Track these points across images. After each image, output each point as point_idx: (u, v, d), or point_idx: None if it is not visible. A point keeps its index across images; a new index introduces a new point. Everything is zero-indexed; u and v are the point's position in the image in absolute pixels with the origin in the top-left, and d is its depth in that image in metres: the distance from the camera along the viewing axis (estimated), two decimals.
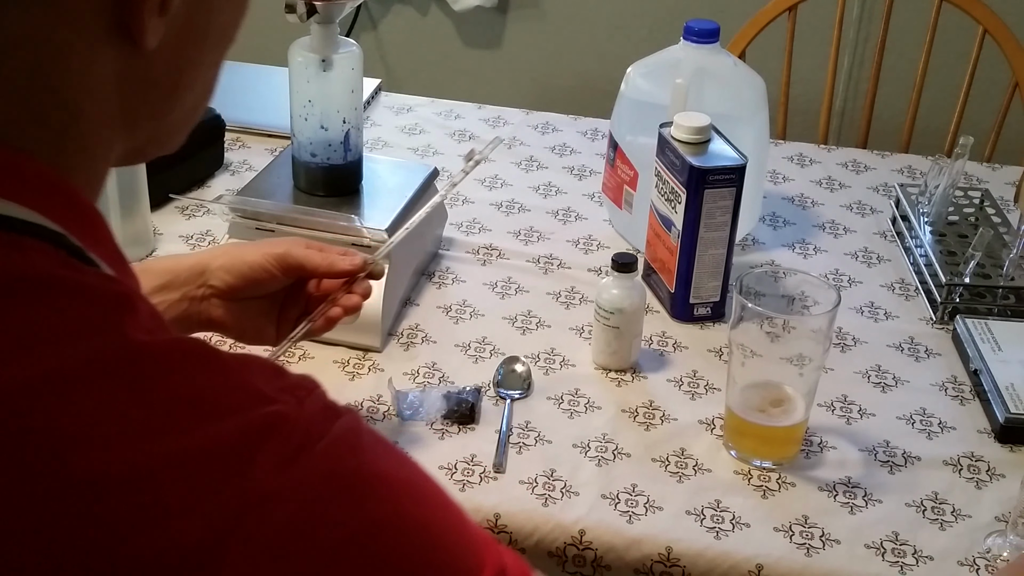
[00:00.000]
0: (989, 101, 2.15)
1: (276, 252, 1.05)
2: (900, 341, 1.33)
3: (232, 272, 1.04)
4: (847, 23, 2.31)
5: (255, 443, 0.50)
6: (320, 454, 0.52)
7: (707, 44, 1.42)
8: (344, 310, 1.06)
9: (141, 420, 0.48)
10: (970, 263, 1.36)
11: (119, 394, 0.48)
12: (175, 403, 0.49)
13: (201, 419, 0.49)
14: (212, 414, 0.50)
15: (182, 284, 1.03)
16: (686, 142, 1.29)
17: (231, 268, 1.04)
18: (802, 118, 2.25)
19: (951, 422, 1.20)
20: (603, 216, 1.56)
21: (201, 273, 1.04)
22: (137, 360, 0.50)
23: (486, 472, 1.10)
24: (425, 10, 2.69)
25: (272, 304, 1.08)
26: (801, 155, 1.76)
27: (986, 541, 1.05)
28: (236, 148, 1.68)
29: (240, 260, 1.04)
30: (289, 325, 1.07)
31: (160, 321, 0.54)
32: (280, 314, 1.08)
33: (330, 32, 1.28)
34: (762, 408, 1.12)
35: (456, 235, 1.49)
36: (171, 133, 0.62)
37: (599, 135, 1.78)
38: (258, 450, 0.50)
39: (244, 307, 1.06)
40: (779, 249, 1.51)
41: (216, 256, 1.05)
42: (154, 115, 0.59)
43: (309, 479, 0.50)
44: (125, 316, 0.51)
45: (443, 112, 1.84)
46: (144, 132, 0.59)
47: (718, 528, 1.05)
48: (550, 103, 2.22)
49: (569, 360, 1.27)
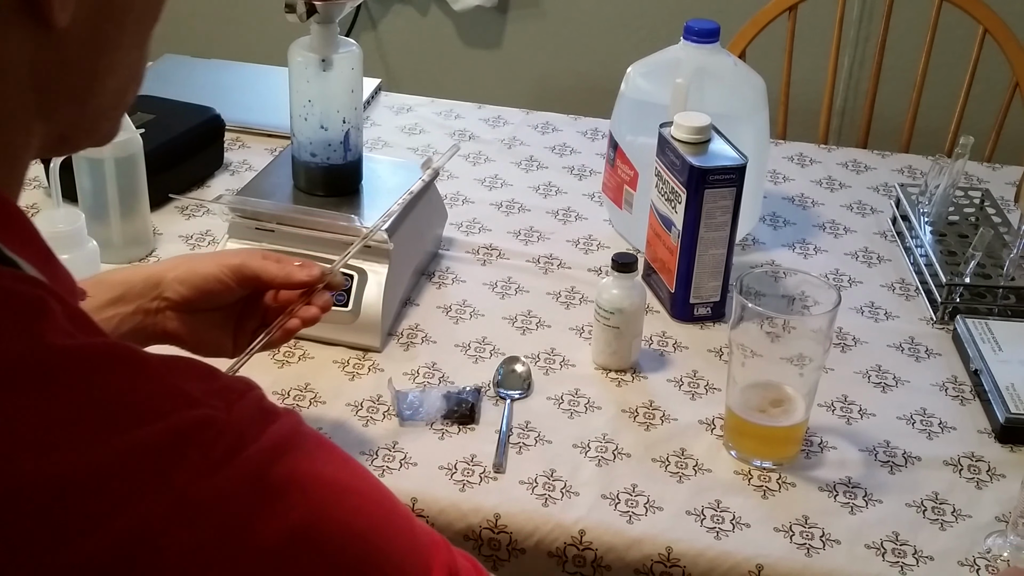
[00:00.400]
0: (989, 101, 2.15)
1: (232, 263, 1.03)
2: (900, 341, 1.33)
3: (187, 284, 1.01)
4: (847, 23, 2.31)
5: (179, 448, 0.48)
6: (249, 459, 0.50)
7: (707, 44, 1.42)
8: (302, 322, 1.04)
9: (56, 427, 0.46)
10: (970, 263, 1.36)
11: (32, 401, 0.47)
12: (93, 408, 0.48)
13: (121, 424, 0.48)
14: (133, 419, 0.48)
15: (136, 297, 1.00)
16: (686, 142, 1.29)
17: (186, 280, 1.01)
18: (802, 118, 2.25)
19: (951, 422, 1.20)
20: (603, 216, 1.56)
21: (156, 285, 1.01)
22: (52, 365, 0.48)
23: (486, 472, 1.10)
24: (425, 10, 2.69)
25: (228, 316, 1.05)
26: (801, 155, 1.75)
27: (986, 541, 1.05)
28: (236, 148, 1.68)
29: (195, 272, 1.02)
30: (247, 337, 1.05)
31: (85, 323, 0.52)
32: (237, 326, 1.06)
33: (330, 32, 1.28)
34: (762, 408, 1.12)
35: (456, 235, 1.49)
36: (96, 120, 0.59)
37: (599, 135, 1.78)
38: (182, 455, 0.48)
39: (200, 319, 1.03)
40: (779, 249, 1.51)
41: (171, 268, 1.03)
42: (74, 100, 0.55)
43: (236, 484, 0.49)
44: (40, 319, 0.49)
45: (443, 112, 1.84)
46: (65, 119, 0.56)
47: (718, 528, 1.05)
48: (550, 103, 2.21)
49: (569, 360, 1.27)
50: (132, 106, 1.61)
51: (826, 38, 2.12)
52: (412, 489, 1.07)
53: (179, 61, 1.93)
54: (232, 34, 2.78)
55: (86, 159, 1.34)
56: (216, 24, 2.80)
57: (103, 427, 0.48)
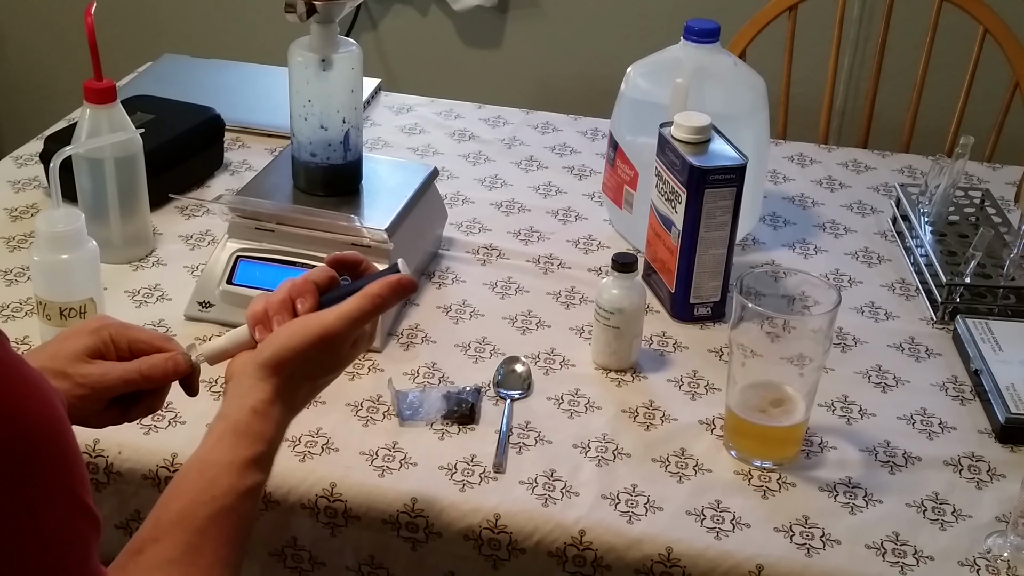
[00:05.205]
0: (989, 101, 2.15)
1: (89, 384, 0.91)
2: (900, 341, 1.33)
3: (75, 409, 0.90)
4: (847, 23, 2.31)
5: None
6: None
7: (707, 44, 1.42)
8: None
9: None
10: (971, 263, 1.36)
11: None
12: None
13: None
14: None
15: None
16: (686, 142, 1.29)
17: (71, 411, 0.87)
18: (802, 118, 2.25)
19: (951, 422, 1.20)
20: (603, 216, 1.56)
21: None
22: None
23: (486, 472, 1.10)
24: (425, 10, 2.69)
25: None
26: (801, 155, 1.75)
27: (986, 541, 1.05)
28: (236, 148, 1.68)
29: (72, 396, 0.90)
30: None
31: None
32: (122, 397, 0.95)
33: (330, 32, 1.28)
34: (762, 408, 1.12)
35: (456, 235, 1.49)
36: None
37: (599, 135, 1.78)
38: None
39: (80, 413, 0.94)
40: (779, 249, 1.51)
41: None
42: None
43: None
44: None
45: (443, 112, 1.84)
46: None
47: (718, 528, 1.05)
48: (550, 103, 2.21)
49: (569, 360, 1.27)
50: (132, 106, 1.60)
51: (826, 38, 2.12)
52: (412, 489, 1.07)
53: (179, 61, 1.93)
54: (232, 34, 2.78)
55: (86, 159, 1.34)
56: (216, 24, 2.79)
57: None
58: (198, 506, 0.83)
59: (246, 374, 0.89)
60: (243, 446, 0.86)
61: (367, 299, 0.90)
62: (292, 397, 0.90)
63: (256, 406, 0.87)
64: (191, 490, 0.84)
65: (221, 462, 0.85)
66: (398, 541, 1.07)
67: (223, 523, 0.83)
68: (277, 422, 0.88)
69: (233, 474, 0.84)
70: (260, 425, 0.87)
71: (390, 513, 1.07)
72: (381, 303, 0.90)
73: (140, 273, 1.39)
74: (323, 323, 0.89)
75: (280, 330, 0.90)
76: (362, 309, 0.90)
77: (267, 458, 0.87)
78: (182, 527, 0.82)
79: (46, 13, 2.89)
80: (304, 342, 0.88)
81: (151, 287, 1.36)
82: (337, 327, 0.89)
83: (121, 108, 1.35)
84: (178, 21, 2.81)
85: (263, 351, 0.89)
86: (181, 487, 0.85)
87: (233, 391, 0.89)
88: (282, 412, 0.89)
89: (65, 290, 1.21)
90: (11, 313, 1.30)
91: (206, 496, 0.83)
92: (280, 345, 0.89)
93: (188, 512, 0.83)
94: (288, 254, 1.28)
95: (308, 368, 0.90)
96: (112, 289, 1.32)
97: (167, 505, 0.84)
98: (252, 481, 0.85)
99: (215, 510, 0.83)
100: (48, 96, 2.96)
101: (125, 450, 1.11)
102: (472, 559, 1.06)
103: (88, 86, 1.32)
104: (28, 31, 2.93)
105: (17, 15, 2.92)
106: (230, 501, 0.83)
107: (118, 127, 1.34)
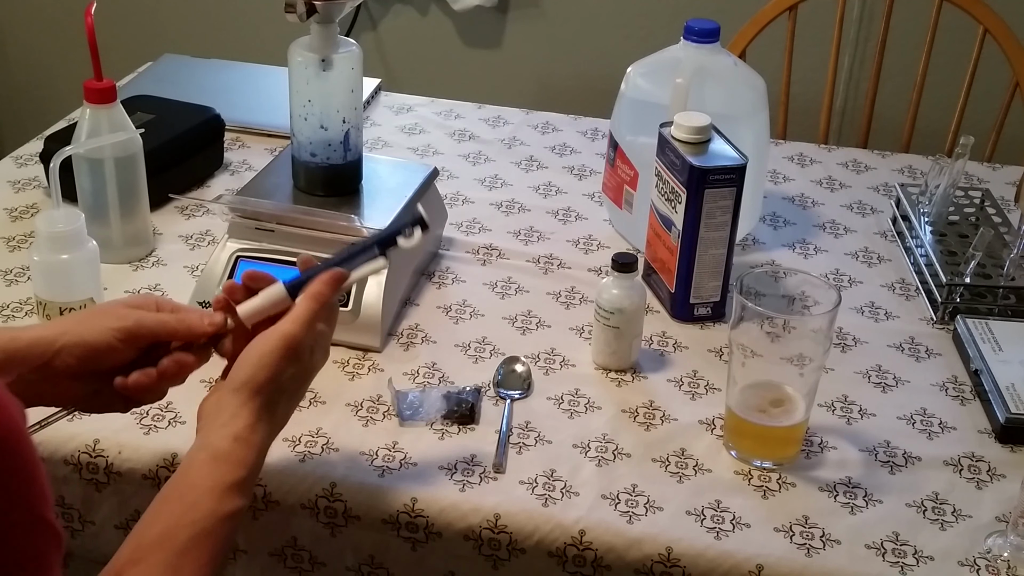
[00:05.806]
0: (989, 101, 2.15)
1: (125, 326, 0.95)
2: (900, 341, 1.33)
3: (76, 354, 0.94)
4: (847, 23, 2.31)
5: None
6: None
7: (707, 44, 1.42)
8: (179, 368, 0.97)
9: None
10: (971, 263, 1.36)
11: None
12: None
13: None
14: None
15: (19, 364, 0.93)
16: (686, 142, 1.29)
17: (75, 350, 0.94)
18: (802, 118, 2.25)
19: (951, 422, 1.20)
20: (603, 216, 1.56)
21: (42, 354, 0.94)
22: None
23: (486, 472, 1.10)
24: (425, 10, 2.69)
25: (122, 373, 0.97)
26: (801, 155, 1.75)
27: (986, 541, 1.05)
28: (236, 148, 1.68)
29: (84, 340, 0.94)
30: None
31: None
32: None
33: (330, 32, 1.28)
34: (762, 408, 1.12)
35: (456, 235, 1.49)
36: None
37: (599, 135, 1.78)
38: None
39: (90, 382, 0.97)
40: (779, 249, 1.51)
41: (59, 334, 0.94)
42: None
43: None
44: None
45: (443, 112, 1.84)
46: None
47: (718, 528, 1.05)
48: (550, 103, 2.21)
49: (569, 360, 1.27)
50: (132, 106, 1.60)
51: (826, 38, 2.12)
52: (412, 489, 1.07)
53: (179, 61, 1.93)
54: (232, 34, 2.78)
55: (86, 159, 1.34)
56: (216, 24, 2.80)
57: None
58: (179, 529, 0.85)
59: (223, 404, 0.92)
60: (224, 471, 0.89)
61: (310, 299, 0.96)
62: (272, 415, 0.94)
63: (239, 433, 0.90)
64: (172, 513, 0.86)
65: (202, 486, 0.87)
66: (398, 541, 1.07)
67: (203, 546, 0.85)
68: (259, 448, 0.92)
69: (214, 498, 0.87)
70: (242, 452, 0.90)
71: (390, 513, 1.07)
72: (323, 298, 0.96)
73: (140, 273, 1.39)
74: (282, 331, 0.94)
75: (244, 354, 0.94)
76: (310, 308, 0.95)
77: (248, 484, 0.90)
78: (163, 549, 0.84)
79: (46, 13, 2.89)
80: (272, 354, 0.92)
81: (151, 287, 1.36)
82: (295, 331, 0.94)
83: (121, 108, 1.35)
84: (178, 21, 2.81)
85: (235, 377, 0.93)
86: (161, 511, 0.87)
87: (213, 422, 0.92)
88: (264, 435, 0.93)
89: (65, 290, 1.21)
90: (11, 313, 1.30)
91: (186, 519, 0.85)
92: (250, 365, 0.92)
93: (169, 535, 0.84)
94: (288, 254, 1.28)
95: (281, 381, 0.93)
96: (112, 289, 1.32)
97: (147, 528, 0.86)
98: (233, 506, 0.88)
99: (195, 532, 0.85)
100: (48, 96, 2.96)
101: (125, 450, 1.11)
102: (472, 559, 1.06)
103: (88, 86, 1.32)
104: (28, 31, 2.93)
105: (17, 15, 2.93)
106: (211, 525, 0.86)
107: (118, 127, 1.34)
